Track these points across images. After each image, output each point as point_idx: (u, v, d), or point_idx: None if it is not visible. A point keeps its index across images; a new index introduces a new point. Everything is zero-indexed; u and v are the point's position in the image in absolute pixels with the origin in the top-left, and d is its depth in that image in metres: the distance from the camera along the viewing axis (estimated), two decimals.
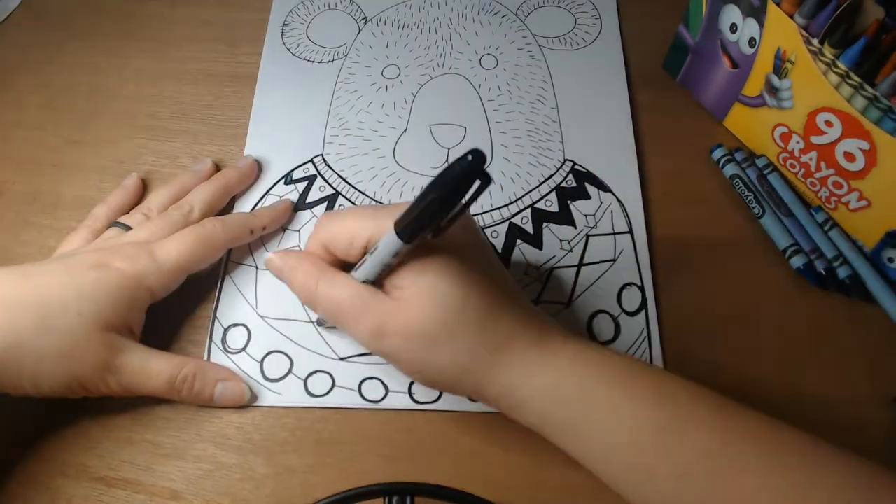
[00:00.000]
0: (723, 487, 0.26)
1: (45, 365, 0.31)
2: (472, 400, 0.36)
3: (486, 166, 0.24)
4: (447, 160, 0.44)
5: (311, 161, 0.44)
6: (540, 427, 0.30)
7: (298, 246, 0.41)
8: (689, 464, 0.26)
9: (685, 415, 0.28)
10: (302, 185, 0.43)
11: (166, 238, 0.36)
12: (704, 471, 0.26)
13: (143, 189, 0.43)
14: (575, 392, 0.29)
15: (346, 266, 0.32)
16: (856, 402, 0.36)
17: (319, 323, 0.38)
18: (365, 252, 0.30)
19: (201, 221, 0.38)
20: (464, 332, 0.29)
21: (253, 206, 0.43)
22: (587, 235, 0.41)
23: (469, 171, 0.24)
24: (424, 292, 0.29)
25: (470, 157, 0.24)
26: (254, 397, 0.36)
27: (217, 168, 0.43)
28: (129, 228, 0.38)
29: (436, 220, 0.26)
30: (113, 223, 0.38)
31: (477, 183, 0.25)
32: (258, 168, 0.43)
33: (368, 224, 0.30)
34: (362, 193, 0.43)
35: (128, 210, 0.40)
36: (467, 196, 0.25)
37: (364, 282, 0.30)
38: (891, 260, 0.38)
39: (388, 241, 0.28)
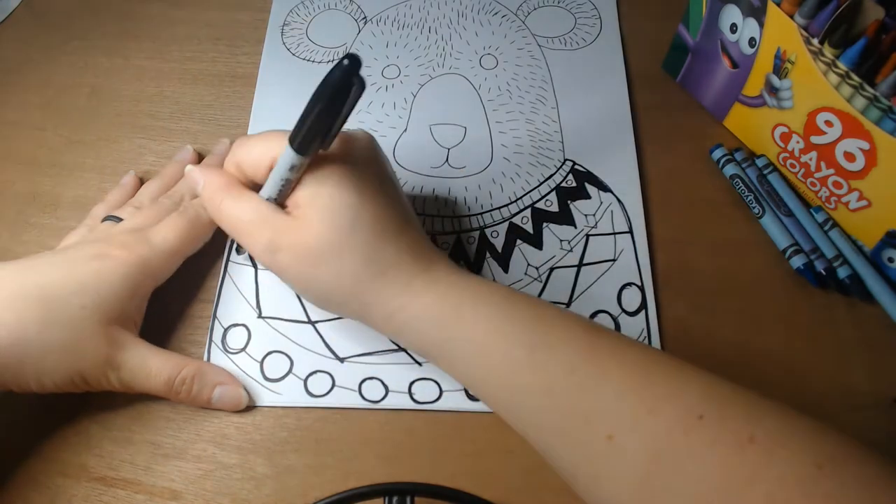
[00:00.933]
0: (585, 399, 0.27)
1: (48, 360, 0.32)
2: (471, 398, 0.36)
3: (360, 70, 0.26)
4: (447, 160, 0.44)
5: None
6: (422, 350, 0.32)
7: None
8: (557, 379, 0.28)
9: (556, 335, 0.29)
10: None
11: (158, 224, 0.37)
12: (569, 385, 0.28)
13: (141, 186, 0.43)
14: (452, 314, 0.30)
15: (259, 188, 0.33)
16: (856, 402, 0.36)
17: (238, 251, 0.41)
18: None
19: (184, 205, 0.38)
20: (349, 253, 0.30)
21: None
22: (587, 235, 0.41)
23: (345, 75, 0.26)
24: (317, 211, 0.30)
25: (346, 62, 0.26)
26: (251, 401, 0.36)
27: (198, 154, 0.44)
28: (120, 220, 0.38)
29: (324, 128, 0.28)
30: (105, 217, 0.39)
31: (356, 87, 0.27)
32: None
33: (277, 144, 0.31)
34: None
35: None
36: (348, 102, 0.27)
37: (268, 199, 0.32)
38: (891, 260, 0.38)
39: (285, 155, 0.30)
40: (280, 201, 0.32)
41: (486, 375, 0.30)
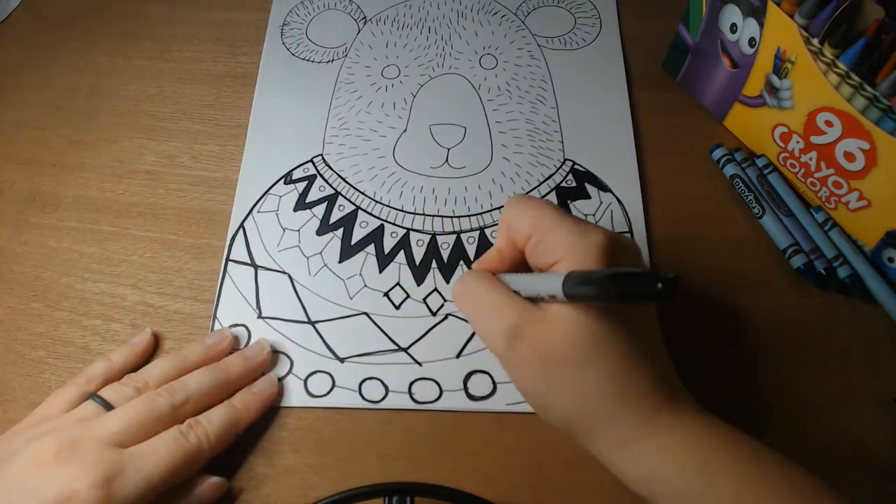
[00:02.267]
0: None
1: None
2: (471, 398, 0.36)
3: (676, 288, 0.22)
4: (447, 160, 0.44)
5: (311, 161, 0.44)
6: (646, 489, 0.28)
7: (298, 247, 0.41)
8: None
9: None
10: (302, 185, 0.43)
11: (145, 450, 0.31)
12: None
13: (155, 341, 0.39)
14: (697, 463, 0.27)
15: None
16: (856, 402, 0.36)
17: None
18: (523, 245, 0.30)
19: (189, 427, 0.32)
20: (596, 366, 0.27)
21: (250, 208, 0.43)
22: None
23: (652, 296, 0.23)
24: (572, 314, 0.27)
25: (660, 286, 0.22)
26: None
27: (235, 341, 0.38)
28: (109, 407, 0.33)
29: (602, 299, 0.26)
30: (91, 395, 0.33)
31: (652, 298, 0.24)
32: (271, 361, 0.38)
33: (542, 220, 0.29)
34: (362, 193, 0.43)
35: (130, 370, 0.36)
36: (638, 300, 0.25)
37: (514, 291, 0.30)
38: (891, 260, 0.38)
39: (552, 287, 0.27)
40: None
41: None
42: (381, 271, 0.40)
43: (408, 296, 0.39)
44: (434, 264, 0.40)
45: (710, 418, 0.29)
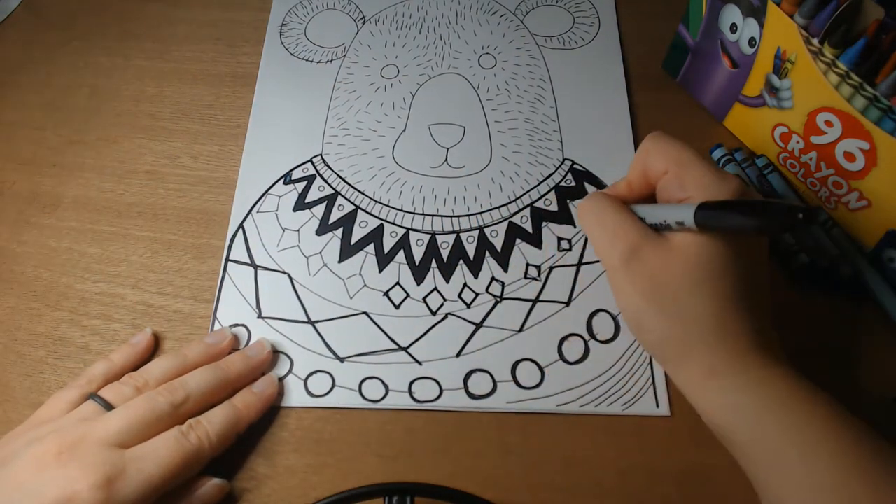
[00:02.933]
0: None
1: None
2: (471, 397, 0.36)
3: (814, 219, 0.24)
4: (446, 160, 0.44)
5: (311, 161, 0.44)
6: (722, 422, 0.29)
7: (298, 247, 0.41)
8: None
9: (888, 465, 0.26)
10: (301, 185, 0.43)
11: (146, 451, 0.31)
12: None
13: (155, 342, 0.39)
14: (783, 404, 0.28)
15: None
16: (856, 402, 0.36)
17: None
18: (656, 178, 0.32)
19: (190, 427, 0.32)
20: (711, 297, 0.29)
21: (250, 208, 0.43)
22: (586, 235, 0.41)
23: (796, 224, 0.24)
24: (694, 242, 0.29)
25: (801, 216, 0.24)
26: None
27: (235, 340, 0.38)
28: (109, 407, 0.33)
29: (737, 228, 0.27)
30: (92, 395, 0.33)
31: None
32: (272, 361, 0.38)
33: (682, 157, 0.31)
34: (361, 193, 0.43)
35: (130, 370, 0.36)
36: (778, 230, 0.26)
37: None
38: (891, 260, 0.38)
39: (682, 215, 0.29)
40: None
41: (795, 483, 0.27)
42: (380, 271, 0.40)
43: (407, 295, 0.39)
44: (434, 264, 0.40)
45: (798, 373, 0.30)
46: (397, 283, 0.40)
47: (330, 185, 0.43)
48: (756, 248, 0.31)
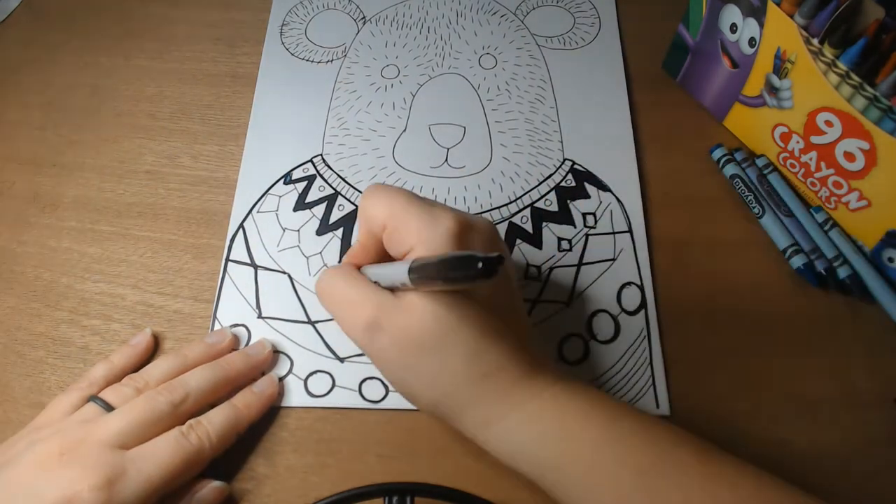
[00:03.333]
0: None
1: None
2: None
3: (498, 267, 0.23)
4: (446, 160, 0.44)
5: (311, 161, 0.44)
6: (516, 465, 0.29)
7: (298, 247, 0.41)
8: None
9: (668, 459, 0.27)
10: (301, 185, 0.43)
11: (146, 451, 0.31)
12: None
13: (153, 344, 0.38)
14: (556, 430, 0.28)
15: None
16: (856, 402, 0.36)
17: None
18: (381, 232, 0.30)
19: (190, 427, 0.32)
20: (452, 349, 0.28)
21: (250, 208, 0.43)
22: (587, 235, 0.41)
23: (477, 277, 0.23)
24: (425, 300, 0.28)
25: (481, 266, 0.23)
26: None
27: (235, 340, 0.38)
28: (110, 408, 0.33)
29: (444, 285, 0.26)
30: (93, 398, 0.33)
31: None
32: (273, 361, 0.38)
33: (393, 207, 0.29)
34: (362, 193, 0.43)
35: (131, 371, 0.36)
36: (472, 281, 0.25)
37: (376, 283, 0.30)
38: (891, 260, 0.38)
39: (402, 275, 0.28)
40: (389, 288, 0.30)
41: (590, 498, 0.28)
42: None
43: None
44: None
45: (570, 385, 0.30)
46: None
47: (330, 186, 0.43)
48: (498, 282, 0.30)
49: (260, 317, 0.39)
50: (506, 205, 0.42)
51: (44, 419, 0.33)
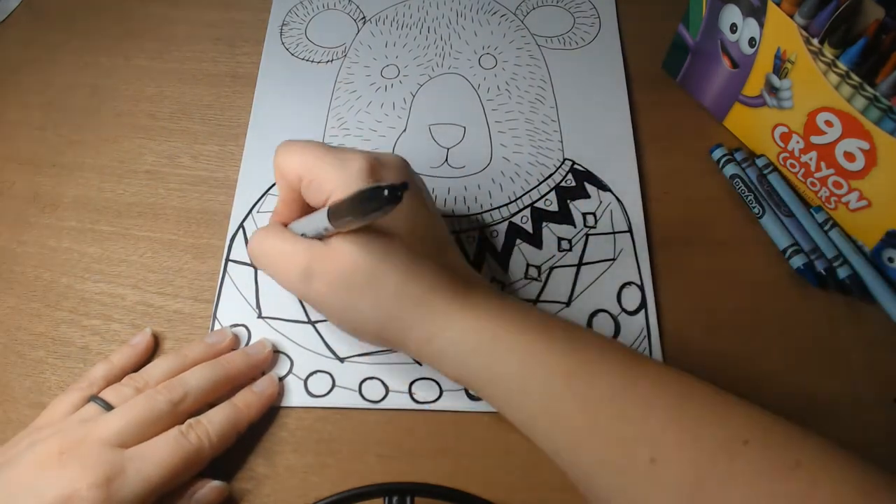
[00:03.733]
0: (627, 426, 0.27)
1: None
2: (471, 398, 0.36)
3: (402, 192, 0.25)
4: (446, 160, 0.44)
5: None
6: (459, 377, 0.31)
7: None
8: (597, 407, 0.27)
9: (595, 361, 0.29)
10: None
11: (145, 451, 0.31)
12: (610, 412, 0.27)
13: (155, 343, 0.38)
14: (488, 341, 0.30)
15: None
16: (856, 402, 0.36)
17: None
18: (299, 184, 0.32)
19: (189, 427, 0.32)
20: (385, 280, 0.30)
21: (250, 208, 0.43)
22: (587, 234, 0.41)
23: (383, 204, 0.26)
24: (350, 238, 0.30)
25: (386, 193, 0.25)
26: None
27: (236, 340, 0.38)
28: (109, 408, 0.33)
29: (360, 217, 0.28)
30: (93, 397, 0.33)
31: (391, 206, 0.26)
32: (273, 361, 0.38)
33: (309, 159, 0.31)
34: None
35: (131, 371, 0.36)
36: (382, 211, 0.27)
37: (303, 235, 0.32)
38: (891, 260, 0.38)
39: (323, 221, 0.30)
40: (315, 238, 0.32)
41: (524, 403, 0.29)
42: None
43: None
44: None
45: (504, 300, 0.32)
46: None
47: None
48: (412, 209, 0.32)
49: (260, 317, 0.39)
50: (506, 205, 0.42)
51: (44, 419, 0.34)
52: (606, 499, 0.28)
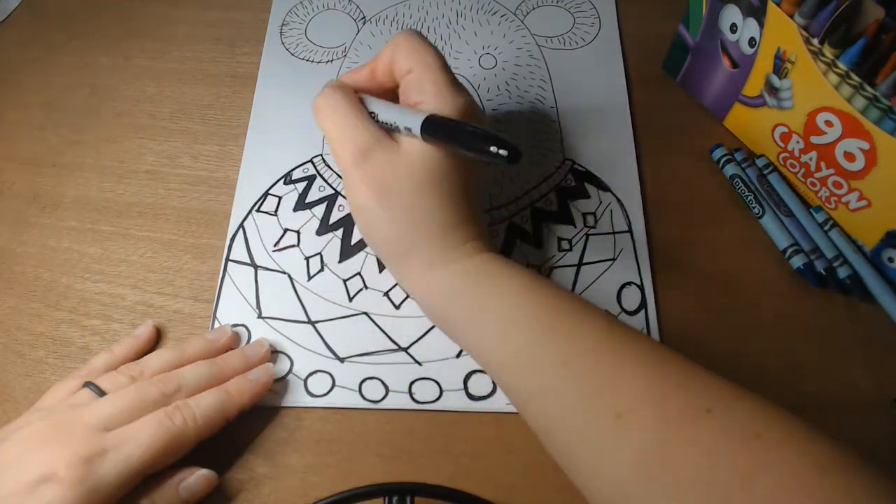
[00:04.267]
0: (599, 376, 0.28)
1: None
2: (471, 398, 0.36)
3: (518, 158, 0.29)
4: None
5: (311, 161, 0.44)
6: (443, 313, 0.33)
7: (297, 246, 0.41)
8: (572, 354, 0.29)
9: (576, 320, 0.30)
10: (301, 185, 0.43)
11: (128, 431, 0.31)
12: (584, 361, 0.28)
13: (156, 336, 0.38)
14: (484, 282, 0.32)
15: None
16: (856, 402, 0.36)
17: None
18: (394, 75, 0.34)
19: (176, 408, 0.32)
20: (428, 198, 0.32)
21: (250, 208, 0.43)
22: (587, 235, 0.41)
23: (503, 158, 0.29)
24: (420, 149, 0.32)
25: (506, 153, 0.28)
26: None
27: (236, 337, 0.38)
28: (102, 394, 0.33)
29: (456, 144, 0.31)
30: (87, 383, 0.34)
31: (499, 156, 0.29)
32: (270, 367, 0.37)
33: (415, 60, 0.33)
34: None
35: (131, 361, 0.36)
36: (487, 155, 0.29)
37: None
38: (891, 260, 0.38)
39: (412, 122, 0.31)
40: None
41: (503, 347, 0.30)
42: (381, 271, 0.40)
43: (408, 295, 0.39)
44: None
45: (502, 258, 0.33)
46: (397, 284, 0.40)
47: (330, 186, 0.43)
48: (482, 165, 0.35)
49: (260, 317, 0.39)
50: (506, 205, 0.42)
51: (42, 404, 0.34)
52: (568, 450, 0.28)
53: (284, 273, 0.40)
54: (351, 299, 0.39)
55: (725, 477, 0.24)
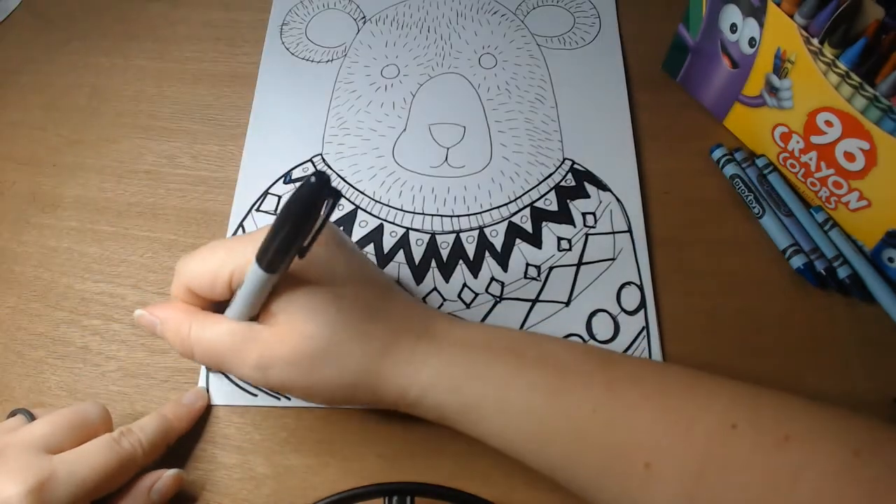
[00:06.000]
0: (615, 434, 0.27)
1: None
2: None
3: (330, 184, 0.24)
4: (446, 159, 0.44)
5: (311, 161, 0.44)
6: (442, 418, 0.30)
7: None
8: (582, 420, 0.27)
9: (572, 375, 0.29)
10: None
11: (77, 455, 0.29)
12: (596, 423, 0.27)
13: None
14: (463, 376, 0.29)
15: (220, 307, 0.31)
16: (856, 402, 0.36)
17: (209, 369, 0.37)
18: (231, 289, 0.30)
19: (121, 434, 0.31)
20: (346, 345, 0.29)
21: (250, 208, 0.43)
22: (586, 234, 0.41)
23: (315, 192, 0.24)
24: (298, 314, 0.28)
25: (313, 179, 0.24)
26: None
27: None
28: (32, 417, 0.31)
29: (296, 245, 0.26)
30: (17, 410, 0.32)
31: (329, 201, 0.25)
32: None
33: (226, 259, 0.29)
34: (361, 193, 0.43)
35: None
36: (322, 215, 0.25)
37: (240, 318, 0.30)
38: (891, 260, 0.38)
39: (253, 275, 0.27)
40: (251, 317, 0.30)
41: (511, 430, 0.29)
42: None
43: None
44: (433, 263, 0.40)
45: (463, 327, 0.31)
46: (397, 283, 0.40)
47: None
48: (344, 256, 0.31)
49: None
50: (505, 204, 0.42)
51: None
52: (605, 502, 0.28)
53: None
54: None
55: (770, 484, 0.24)
